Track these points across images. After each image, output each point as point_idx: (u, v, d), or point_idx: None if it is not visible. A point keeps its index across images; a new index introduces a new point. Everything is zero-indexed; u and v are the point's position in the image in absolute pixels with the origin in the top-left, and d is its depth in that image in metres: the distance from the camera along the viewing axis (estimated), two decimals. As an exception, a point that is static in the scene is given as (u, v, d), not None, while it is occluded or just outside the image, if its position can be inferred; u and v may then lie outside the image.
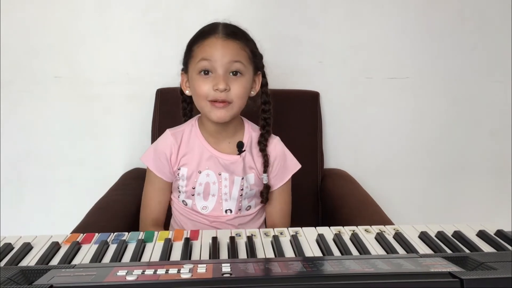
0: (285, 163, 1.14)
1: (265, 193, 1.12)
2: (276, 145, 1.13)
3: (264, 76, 1.11)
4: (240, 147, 1.09)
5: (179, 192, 1.12)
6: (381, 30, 1.60)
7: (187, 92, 1.10)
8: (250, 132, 1.12)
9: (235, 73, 1.01)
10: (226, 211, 1.11)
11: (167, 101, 1.47)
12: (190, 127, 1.13)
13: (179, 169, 1.10)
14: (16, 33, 1.53)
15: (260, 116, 1.11)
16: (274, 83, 1.15)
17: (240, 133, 1.12)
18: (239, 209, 1.12)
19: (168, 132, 1.13)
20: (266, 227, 1.20)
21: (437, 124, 1.69)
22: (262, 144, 1.10)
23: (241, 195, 1.11)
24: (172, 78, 1.17)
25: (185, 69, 1.09)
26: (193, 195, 1.11)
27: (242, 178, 1.10)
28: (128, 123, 1.61)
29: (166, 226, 1.18)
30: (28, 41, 1.53)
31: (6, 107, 1.58)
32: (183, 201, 1.12)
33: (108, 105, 1.59)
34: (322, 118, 1.57)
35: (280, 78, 1.54)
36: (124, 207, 1.21)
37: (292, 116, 1.46)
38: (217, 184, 1.09)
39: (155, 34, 1.55)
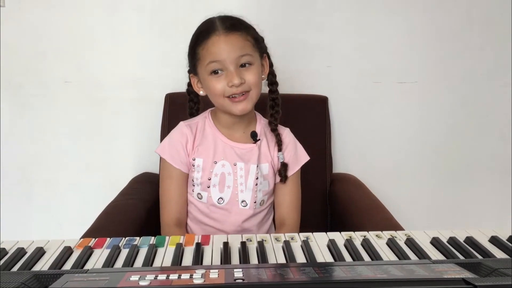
0: (296, 152, 1.17)
1: (283, 171, 1.13)
2: (287, 134, 1.17)
3: (269, 57, 1.13)
4: (254, 136, 1.12)
5: (193, 186, 1.12)
6: (389, 34, 1.60)
7: (201, 93, 1.12)
8: (262, 123, 1.16)
9: (244, 64, 1.03)
10: (241, 202, 1.12)
11: (176, 105, 1.47)
12: (204, 119, 1.15)
13: (194, 159, 1.11)
14: (25, 37, 1.54)
15: (268, 97, 1.13)
16: (283, 88, 1.16)
17: (253, 123, 1.15)
18: (254, 202, 1.12)
19: (182, 124, 1.15)
20: (274, 225, 1.19)
21: (445, 128, 1.68)
22: (273, 124, 1.13)
23: (256, 184, 1.12)
24: (180, 81, 1.18)
25: (193, 71, 1.10)
26: (208, 187, 1.11)
27: (257, 166, 1.11)
28: (137, 127, 1.61)
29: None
30: (37, 45, 1.55)
31: (15, 110, 1.59)
32: (198, 194, 1.12)
33: (117, 109, 1.60)
34: (331, 122, 1.57)
35: (289, 82, 1.54)
36: (133, 211, 1.21)
37: (300, 121, 1.46)
38: (232, 175, 1.11)
39: (163, 37, 1.56)
